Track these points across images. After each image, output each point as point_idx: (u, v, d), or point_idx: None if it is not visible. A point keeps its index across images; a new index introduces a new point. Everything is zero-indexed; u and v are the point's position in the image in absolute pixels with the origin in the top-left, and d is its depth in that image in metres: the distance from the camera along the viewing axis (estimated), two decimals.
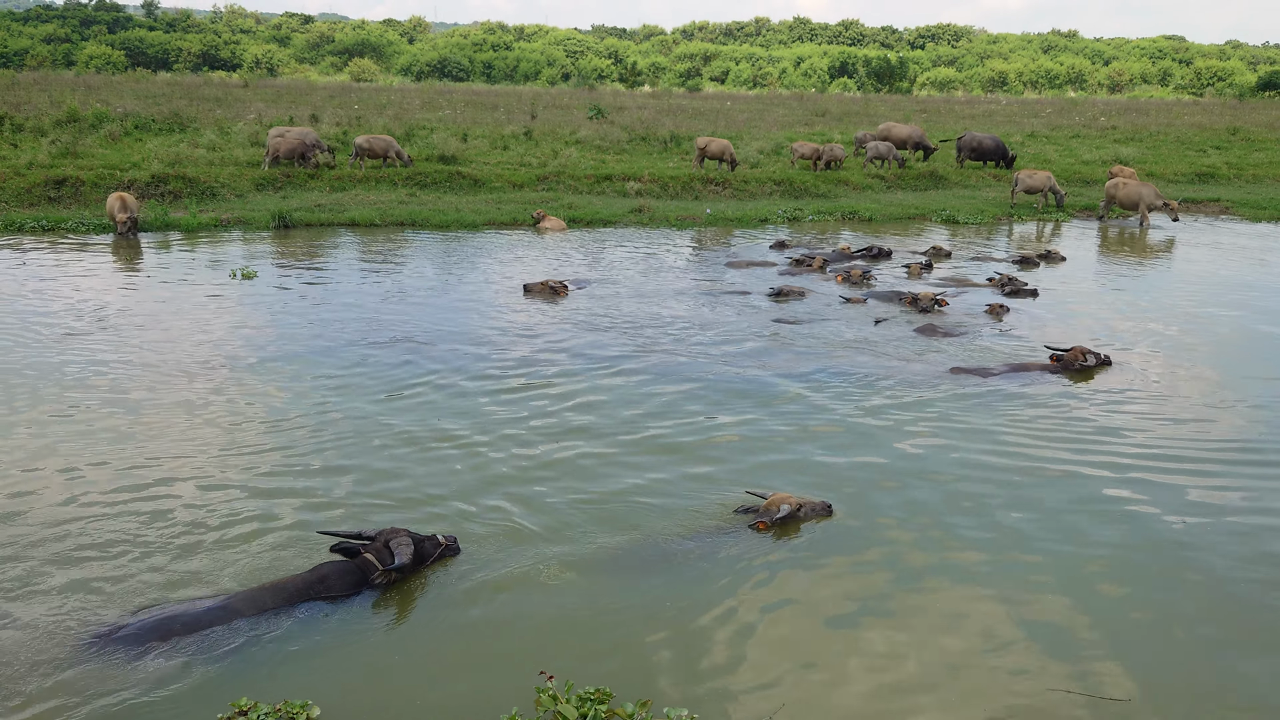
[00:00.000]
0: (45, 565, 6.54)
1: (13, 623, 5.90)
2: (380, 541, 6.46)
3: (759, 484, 7.96)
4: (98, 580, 6.37)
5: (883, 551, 7.12)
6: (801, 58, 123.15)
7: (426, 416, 9.44)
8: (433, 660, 5.76)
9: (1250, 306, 15.45)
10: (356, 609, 6.22)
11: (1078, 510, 7.75)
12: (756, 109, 51.15)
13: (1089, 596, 6.55)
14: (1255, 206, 27.35)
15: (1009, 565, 6.91)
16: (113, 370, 10.57)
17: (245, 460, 8.31)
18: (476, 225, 21.47)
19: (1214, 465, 8.75)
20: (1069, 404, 10.28)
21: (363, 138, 25.97)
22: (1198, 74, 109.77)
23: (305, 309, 13.71)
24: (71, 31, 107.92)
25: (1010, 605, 6.40)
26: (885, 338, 12.71)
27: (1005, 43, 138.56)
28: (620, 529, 7.26)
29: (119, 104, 34.53)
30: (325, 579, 6.27)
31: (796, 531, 7.31)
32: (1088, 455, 8.84)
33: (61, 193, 21.86)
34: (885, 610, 6.36)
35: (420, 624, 6.14)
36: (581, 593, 6.45)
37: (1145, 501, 7.92)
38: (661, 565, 6.79)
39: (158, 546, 6.83)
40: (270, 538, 7.02)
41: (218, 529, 7.10)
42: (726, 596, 6.41)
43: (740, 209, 24.48)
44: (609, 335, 12.56)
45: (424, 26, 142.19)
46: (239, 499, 7.59)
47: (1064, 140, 39.89)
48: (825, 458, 8.70)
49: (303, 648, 5.81)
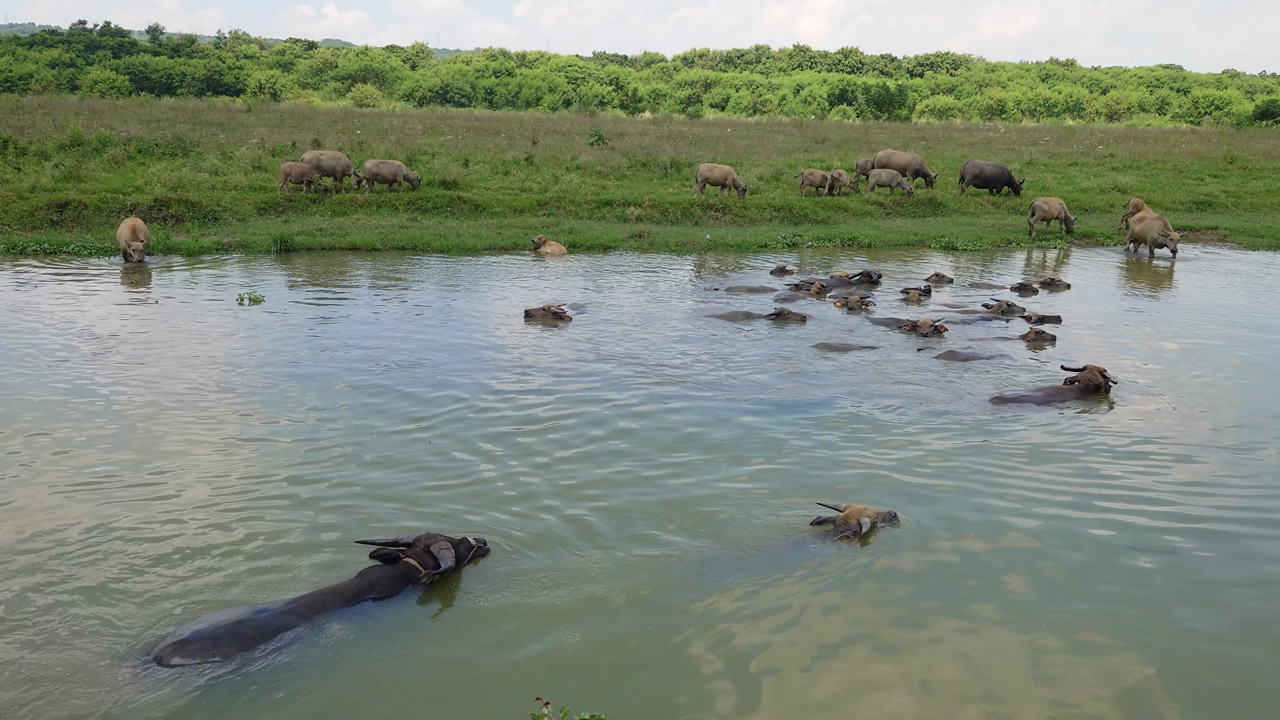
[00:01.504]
0: (116, 575, 6.71)
1: (84, 636, 6.00)
2: (420, 546, 6.81)
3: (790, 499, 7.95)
4: (149, 592, 6.53)
5: (959, 569, 7.22)
6: (801, 85, 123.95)
7: (446, 439, 9.45)
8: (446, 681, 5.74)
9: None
10: (396, 612, 6.41)
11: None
12: (756, 135, 51.44)
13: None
14: (1253, 234, 27.45)
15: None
16: (129, 391, 10.57)
17: (271, 482, 8.35)
18: (477, 250, 21.54)
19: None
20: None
21: (372, 162, 26.33)
22: (1195, 103, 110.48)
23: (311, 334, 13.71)
24: (76, 56, 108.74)
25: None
26: (889, 360, 12.71)
27: (1003, 71, 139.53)
28: (673, 542, 7.24)
29: (122, 128, 34.73)
30: (375, 583, 6.60)
31: (869, 541, 7.55)
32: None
33: (64, 216, 21.95)
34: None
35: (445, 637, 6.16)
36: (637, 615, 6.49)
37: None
38: (721, 575, 6.94)
39: (209, 558, 7.00)
40: (314, 555, 7.15)
41: (255, 542, 7.28)
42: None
43: (740, 234, 24.56)
44: (614, 361, 12.55)
45: (427, 53, 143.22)
46: (275, 515, 7.73)
47: (1062, 168, 40.09)
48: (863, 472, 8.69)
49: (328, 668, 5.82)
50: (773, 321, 14.96)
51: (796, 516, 7.93)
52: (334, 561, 7.01)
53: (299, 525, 7.56)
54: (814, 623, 6.45)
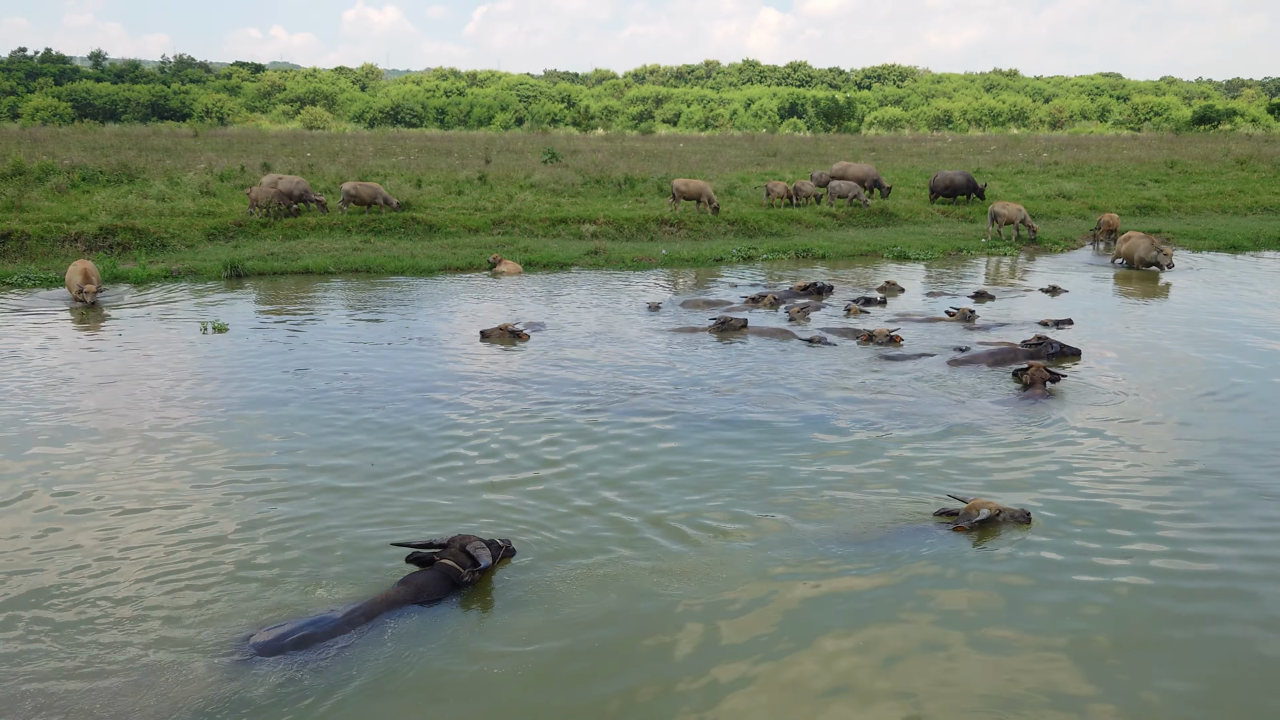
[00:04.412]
0: (173, 590, 6.78)
1: (164, 646, 6.25)
2: (455, 547, 7.06)
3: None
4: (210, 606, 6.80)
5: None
6: (752, 99, 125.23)
7: (416, 453, 9.34)
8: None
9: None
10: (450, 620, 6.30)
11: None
12: (709, 150, 51.77)
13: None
14: (1196, 237, 28.09)
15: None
16: (95, 421, 10.32)
17: (270, 504, 8.17)
18: (432, 271, 21.39)
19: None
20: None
21: (350, 184, 26.61)
22: (1135, 109, 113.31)
23: (279, 360, 13.50)
24: (17, 84, 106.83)
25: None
26: (853, 370, 12.80)
27: (949, 82, 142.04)
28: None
29: (66, 156, 34.07)
30: (422, 588, 6.82)
31: (996, 534, 7.87)
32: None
33: (7, 247, 21.47)
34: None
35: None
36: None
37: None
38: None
39: (256, 573, 7.21)
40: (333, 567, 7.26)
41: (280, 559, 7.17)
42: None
43: (695, 249, 24.65)
44: (576, 377, 12.51)
45: (376, 74, 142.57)
46: (276, 536, 7.58)
47: (1009, 176, 40.78)
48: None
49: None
50: (715, 331, 15.19)
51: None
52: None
53: (309, 540, 7.50)
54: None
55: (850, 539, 7.78)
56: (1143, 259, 22.68)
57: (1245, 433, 10.59)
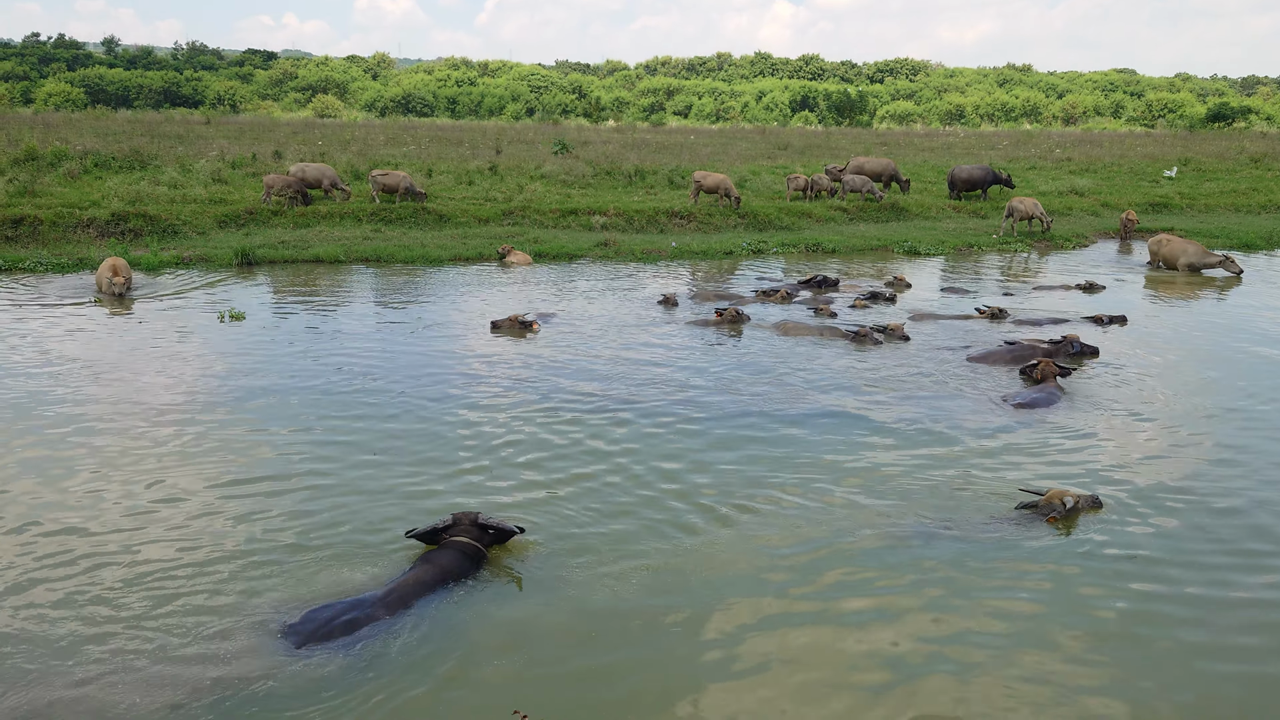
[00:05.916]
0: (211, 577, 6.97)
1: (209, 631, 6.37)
2: (466, 522, 7.25)
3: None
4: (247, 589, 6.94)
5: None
6: (763, 92, 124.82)
7: (439, 442, 9.40)
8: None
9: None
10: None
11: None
12: (720, 143, 51.66)
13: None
14: (1208, 235, 27.92)
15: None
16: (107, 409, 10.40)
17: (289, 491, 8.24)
18: (442, 261, 21.42)
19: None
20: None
21: (378, 172, 26.84)
22: (1149, 106, 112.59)
23: (296, 348, 13.57)
24: (30, 69, 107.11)
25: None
26: (874, 365, 12.80)
27: (962, 76, 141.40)
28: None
29: (78, 142, 34.14)
30: (447, 568, 6.91)
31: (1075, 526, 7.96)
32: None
33: (19, 232, 21.56)
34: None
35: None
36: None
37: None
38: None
39: (291, 557, 7.36)
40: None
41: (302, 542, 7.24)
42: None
43: (705, 242, 24.63)
44: (588, 370, 12.54)
45: (388, 63, 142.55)
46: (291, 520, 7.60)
47: (1021, 171, 40.59)
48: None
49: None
50: (712, 321, 15.39)
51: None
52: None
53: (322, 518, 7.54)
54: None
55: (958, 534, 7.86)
56: (1191, 264, 21.28)
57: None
